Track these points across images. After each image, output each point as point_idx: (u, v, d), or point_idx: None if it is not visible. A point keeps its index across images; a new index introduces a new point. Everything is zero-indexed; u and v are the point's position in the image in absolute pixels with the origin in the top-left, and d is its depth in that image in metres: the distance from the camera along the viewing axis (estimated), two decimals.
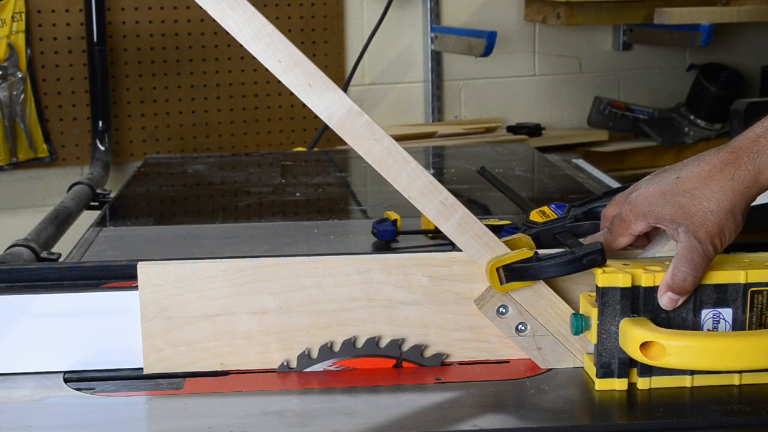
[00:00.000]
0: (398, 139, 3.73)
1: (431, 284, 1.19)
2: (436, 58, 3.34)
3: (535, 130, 3.37)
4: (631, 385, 1.12)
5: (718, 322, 1.11)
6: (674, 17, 3.15)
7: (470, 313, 1.19)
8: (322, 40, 3.21)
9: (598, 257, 1.11)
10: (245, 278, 1.17)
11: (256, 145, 3.22)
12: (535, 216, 1.30)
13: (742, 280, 1.10)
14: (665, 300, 1.09)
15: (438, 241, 1.59)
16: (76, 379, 1.18)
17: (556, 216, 1.29)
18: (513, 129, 3.38)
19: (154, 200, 2.11)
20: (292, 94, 1.09)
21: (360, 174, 2.32)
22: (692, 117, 3.52)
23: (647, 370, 1.10)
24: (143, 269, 1.16)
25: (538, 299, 1.17)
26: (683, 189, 1.09)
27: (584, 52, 3.56)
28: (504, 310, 1.17)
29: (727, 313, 1.11)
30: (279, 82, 1.09)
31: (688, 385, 1.12)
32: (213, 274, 1.17)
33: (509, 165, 2.32)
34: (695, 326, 1.10)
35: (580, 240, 1.24)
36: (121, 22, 3.05)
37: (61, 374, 1.18)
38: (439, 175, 2.33)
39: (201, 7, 1.06)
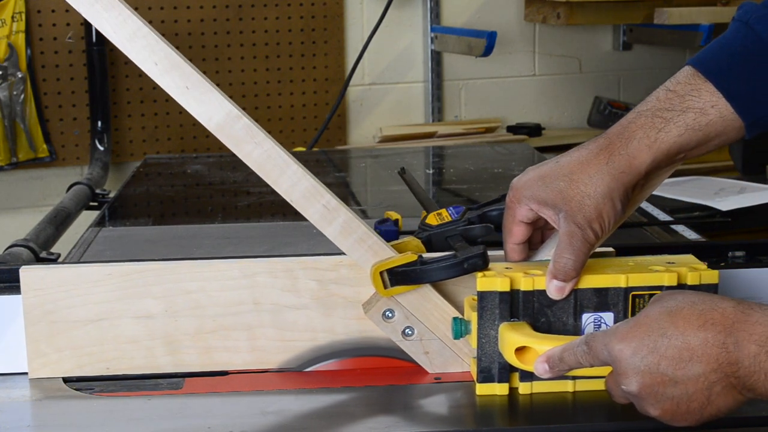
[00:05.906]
0: (398, 139, 3.70)
1: (319, 288, 1.17)
2: (436, 58, 3.34)
3: (535, 130, 3.37)
4: (513, 390, 1.10)
5: (599, 326, 1.08)
6: (674, 17, 3.15)
7: (359, 318, 1.18)
8: (322, 40, 3.21)
9: (480, 261, 1.11)
10: (129, 282, 1.16)
11: None
12: (431, 219, 1.28)
13: (623, 284, 1.08)
14: (552, 288, 1.07)
15: None
16: (76, 379, 1.18)
17: (451, 219, 1.27)
18: (513, 129, 3.38)
19: (153, 200, 2.10)
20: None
21: (360, 174, 2.32)
22: None
23: (528, 375, 1.08)
24: (25, 273, 1.15)
25: (424, 303, 1.15)
26: (561, 173, 1.08)
27: (584, 52, 3.56)
28: (390, 314, 1.16)
29: (608, 317, 1.09)
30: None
31: (570, 390, 1.11)
32: (97, 278, 1.16)
33: (508, 165, 2.31)
34: (576, 330, 1.08)
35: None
36: None
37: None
38: (439, 175, 2.33)
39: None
